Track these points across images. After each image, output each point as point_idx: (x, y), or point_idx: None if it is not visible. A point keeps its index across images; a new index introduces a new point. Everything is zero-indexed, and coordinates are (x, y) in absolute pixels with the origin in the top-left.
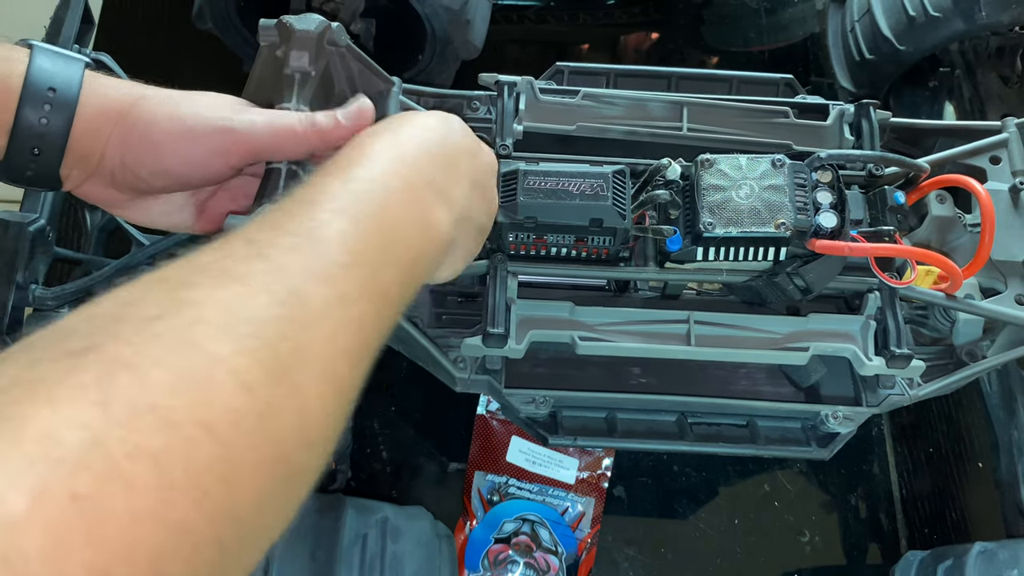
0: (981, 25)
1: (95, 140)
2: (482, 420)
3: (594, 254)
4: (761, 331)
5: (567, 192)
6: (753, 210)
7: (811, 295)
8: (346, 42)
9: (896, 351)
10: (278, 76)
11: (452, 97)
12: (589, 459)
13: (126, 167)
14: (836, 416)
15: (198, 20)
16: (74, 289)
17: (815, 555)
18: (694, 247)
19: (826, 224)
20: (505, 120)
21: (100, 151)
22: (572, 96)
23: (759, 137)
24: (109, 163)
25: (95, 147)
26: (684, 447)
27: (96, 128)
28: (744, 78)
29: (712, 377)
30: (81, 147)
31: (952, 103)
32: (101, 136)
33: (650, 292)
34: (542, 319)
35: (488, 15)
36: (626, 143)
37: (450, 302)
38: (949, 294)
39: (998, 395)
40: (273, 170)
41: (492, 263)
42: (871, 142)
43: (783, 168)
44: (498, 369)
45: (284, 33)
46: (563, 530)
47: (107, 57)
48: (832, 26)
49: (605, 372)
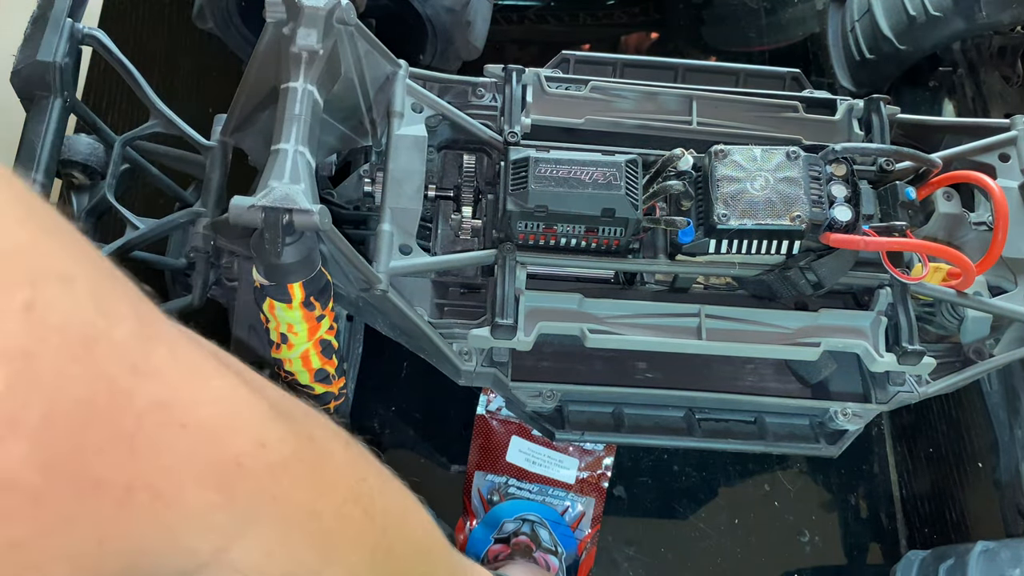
0: (981, 25)
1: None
2: (482, 420)
3: (604, 245)
4: (772, 326)
5: (579, 181)
6: (768, 202)
7: (822, 290)
8: (355, 21)
9: (908, 347)
10: (283, 56)
11: (457, 83)
12: (589, 459)
13: None
14: (845, 413)
15: (198, 19)
16: None
17: (815, 555)
18: (707, 239)
19: (841, 218)
20: (513, 106)
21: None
22: (580, 88)
23: (768, 131)
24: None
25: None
26: (692, 443)
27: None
28: (751, 71)
29: (719, 373)
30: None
31: (952, 102)
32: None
33: (658, 286)
34: (550, 311)
35: (489, 16)
36: (635, 135)
37: (452, 293)
38: (960, 291)
39: (999, 394)
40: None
41: (500, 253)
42: (882, 137)
43: (798, 160)
44: (505, 362)
45: (292, 9)
46: (563, 530)
47: (101, 33)
48: (832, 26)
49: (611, 367)
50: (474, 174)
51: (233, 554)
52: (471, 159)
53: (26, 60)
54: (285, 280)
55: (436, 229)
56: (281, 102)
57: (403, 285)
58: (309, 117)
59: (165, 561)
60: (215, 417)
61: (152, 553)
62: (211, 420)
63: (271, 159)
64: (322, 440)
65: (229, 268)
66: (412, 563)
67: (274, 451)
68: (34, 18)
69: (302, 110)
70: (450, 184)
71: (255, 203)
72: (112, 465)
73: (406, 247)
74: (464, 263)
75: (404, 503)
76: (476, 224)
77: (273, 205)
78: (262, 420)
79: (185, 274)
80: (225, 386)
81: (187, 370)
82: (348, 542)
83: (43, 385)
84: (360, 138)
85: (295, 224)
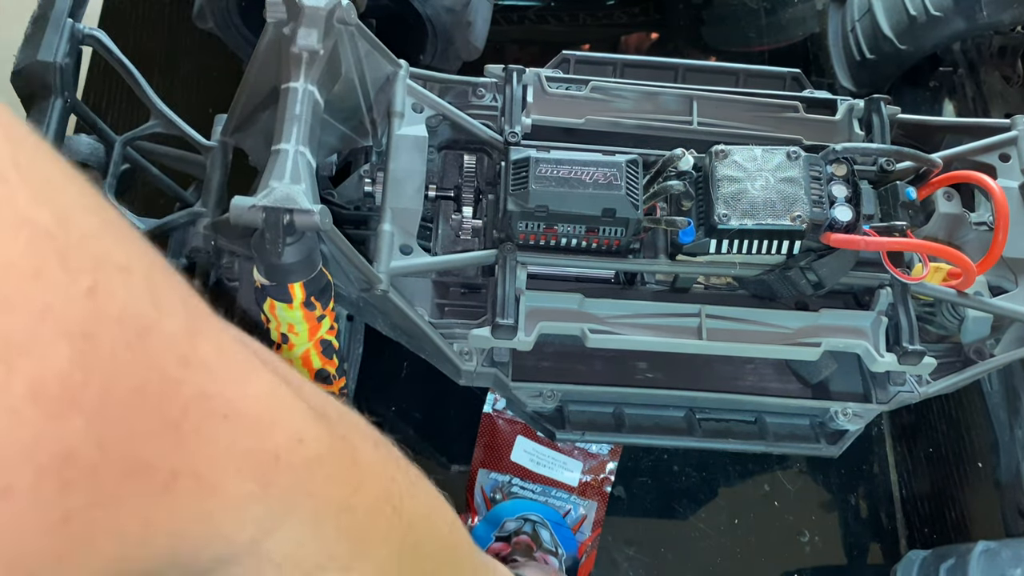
0: (982, 25)
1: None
2: (488, 418)
3: (604, 245)
4: (773, 326)
5: (580, 181)
6: (768, 202)
7: (823, 290)
8: (356, 21)
9: (908, 347)
10: (283, 56)
11: (457, 83)
12: (593, 462)
13: None
14: (846, 413)
15: (198, 19)
16: None
17: (815, 555)
18: (707, 239)
19: (841, 218)
20: (513, 106)
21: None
22: (580, 88)
23: (769, 131)
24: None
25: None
26: (693, 443)
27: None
28: (752, 71)
29: (719, 373)
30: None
31: (952, 102)
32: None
33: (658, 286)
34: (551, 311)
35: (489, 16)
36: (635, 135)
37: (453, 293)
38: (960, 291)
39: (999, 394)
40: (279, 151)
41: (501, 253)
42: (882, 137)
43: (798, 160)
44: (505, 362)
45: (292, 9)
46: (564, 532)
47: (101, 33)
48: (832, 26)
49: (611, 366)
50: (474, 174)
51: (268, 544)
52: (471, 159)
53: (26, 60)
54: (286, 280)
55: (436, 229)
56: (281, 102)
57: (403, 285)
58: (309, 117)
59: (203, 548)
60: (256, 411)
61: (192, 538)
62: (252, 414)
63: (272, 159)
64: (355, 439)
65: (229, 268)
66: (438, 560)
67: (311, 447)
68: (34, 18)
69: (302, 110)
70: (450, 184)
71: (256, 203)
72: (160, 450)
73: (407, 247)
74: (464, 263)
75: (431, 501)
76: (476, 224)
77: (274, 205)
78: (300, 417)
79: (186, 274)
80: (266, 382)
81: (232, 365)
82: (378, 538)
83: (101, 368)
84: (360, 138)
85: (296, 224)
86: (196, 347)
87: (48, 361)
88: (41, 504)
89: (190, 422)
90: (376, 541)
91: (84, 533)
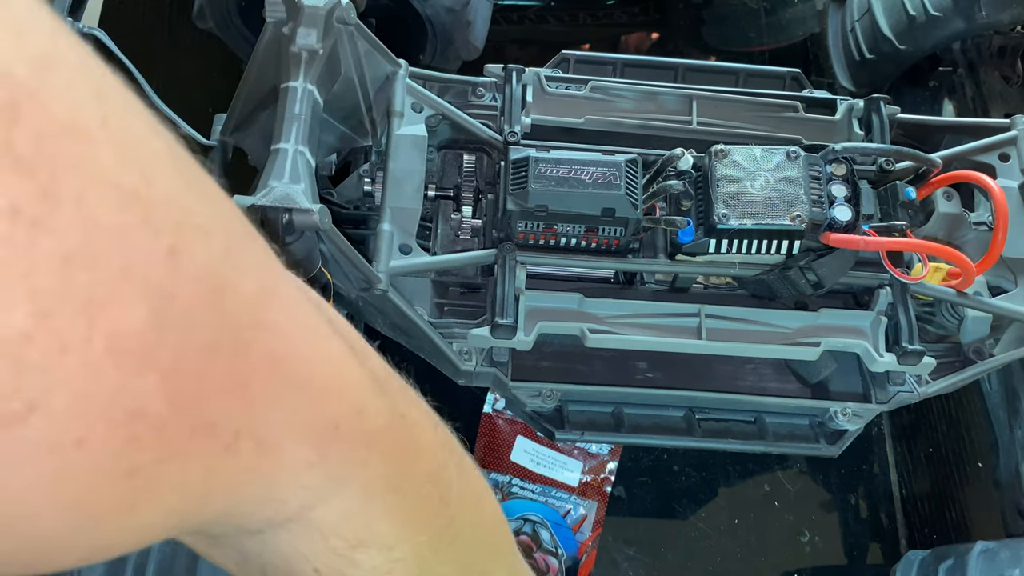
0: (981, 24)
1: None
2: (488, 418)
3: (604, 245)
4: (772, 326)
5: (579, 180)
6: (768, 202)
7: (822, 290)
8: (355, 20)
9: (908, 347)
10: (283, 55)
11: (457, 83)
12: (593, 462)
13: None
14: (845, 413)
15: (198, 19)
16: None
17: (815, 555)
18: (707, 239)
19: (841, 217)
20: (513, 106)
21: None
22: (580, 87)
23: (768, 131)
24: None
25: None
26: (692, 443)
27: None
28: (751, 71)
29: (718, 373)
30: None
31: (952, 102)
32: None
33: (658, 285)
34: (550, 310)
35: (489, 16)
36: (635, 135)
37: (452, 292)
38: (960, 291)
39: (999, 394)
40: (279, 150)
41: (501, 252)
42: (882, 137)
43: (798, 160)
44: (505, 361)
45: (292, 9)
46: (564, 532)
47: (101, 32)
48: (832, 26)
49: (611, 366)
50: (474, 174)
51: (317, 512)
52: (471, 159)
53: None
54: None
55: (436, 229)
56: (281, 102)
57: (403, 285)
58: (309, 117)
59: (256, 510)
60: (321, 377)
61: (247, 500)
62: (318, 380)
63: (271, 158)
64: (414, 418)
65: None
66: (475, 554)
67: (370, 420)
68: None
69: (302, 110)
70: (450, 184)
71: (255, 202)
72: (226, 410)
73: (406, 247)
74: (464, 263)
75: (479, 494)
76: (476, 224)
77: (273, 204)
78: (363, 388)
79: None
80: (334, 349)
81: (303, 329)
82: (422, 523)
83: (177, 326)
84: (360, 138)
85: (295, 223)
86: (270, 309)
87: (127, 319)
88: (111, 457)
89: (258, 384)
90: (420, 526)
91: (148, 486)
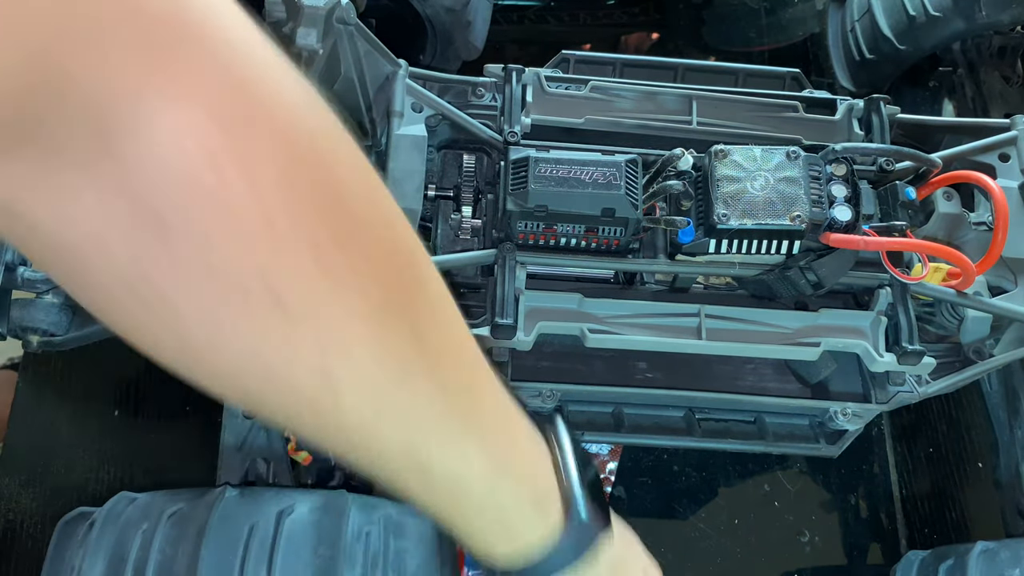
0: (981, 25)
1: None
2: None
3: (604, 245)
4: (772, 326)
5: (579, 180)
6: (768, 202)
7: (822, 290)
8: (355, 20)
9: (908, 347)
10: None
11: (457, 83)
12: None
13: None
14: (845, 413)
15: None
16: None
17: (815, 555)
18: (707, 239)
19: (841, 218)
20: (513, 106)
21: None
22: (580, 87)
23: (768, 131)
24: None
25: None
26: (692, 443)
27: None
28: (751, 71)
29: (718, 373)
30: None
31: (952, 102)
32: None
33: (658, 285)
34: (550, 310)
35: (489, 16)
36: (635, 135)
37: (452, 292)
38: (960, 291)
39: (999, 394)
40: None
41: (500, 252)
42: (882, 137)
43: (798, 160)
44: (505, 361)
45: (292, 9)
46: None
47: None
48: (832, 26)
49: (611, 366)
50: (474, 174)
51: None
52: (471, 159)
53: None
54: None
55: (436, 229)
56: None
57: None
58: None
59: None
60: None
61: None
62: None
63: None
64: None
65: None
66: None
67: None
68: None
69: None
70: (450, 184)
71: None
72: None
73: None
74: (464, 263)
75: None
76: (476, 224)
77: None
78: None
79: None
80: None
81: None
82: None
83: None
84: (360, 138)
85: None
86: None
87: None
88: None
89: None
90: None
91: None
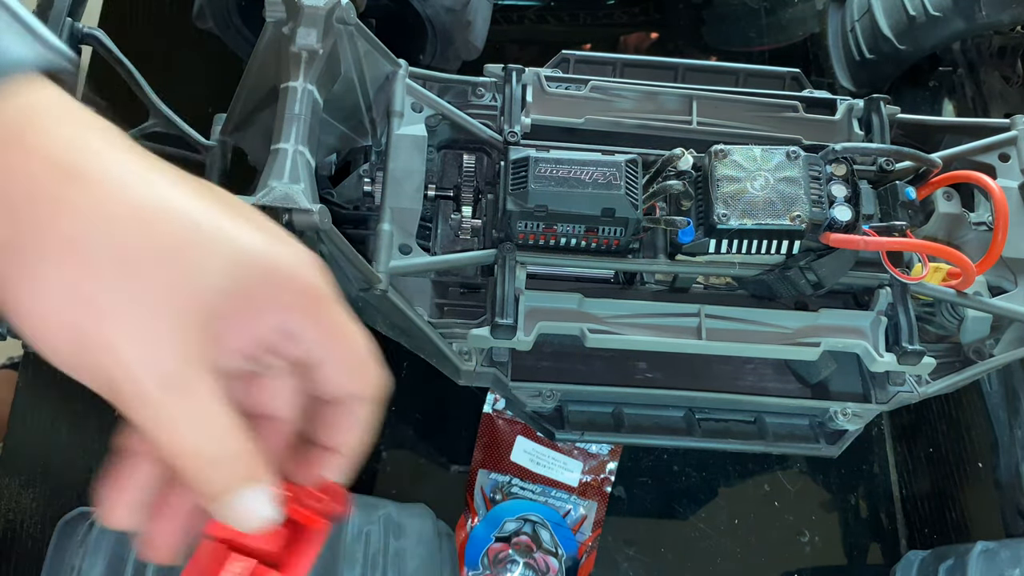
0: (981, 24)
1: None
2: (488, 418)
3: (604, 245)
4: (772, 326)
5: (579, 180)
6: (768, 202)
7: (822, 290)
8: (355, 20)
9: (908, 347)
10: (283, 55)
11: (457, 83)
12: (593, 463)
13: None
14: (845, 413)
15: (198, 19)
16: None
17: (815, 555)
18: (707, 239)
19: (841, 218)
20: (513, 106)
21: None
22: (580, 87)
23: (768, 131)
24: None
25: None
26: (692, 443)
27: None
28: (751, 71)
29: (718, 373)
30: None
31: (952, 102)
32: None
33: (658, 285)
34: (550, 310)
35: (489, 16)
36: (635, 135)
37: (452, 292)
38: (960, 291)
39: (999, 394)
40: (279, 150)
41: (500, 252)
42: (882, 137)
43: (798, 160)
44: (505, 361)
45: (292, 9)
46: (564, 532)
47: (101, 32)
48: (832, 26)
49: (611, 366)
50: (474, 174)
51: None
52: (471, 159)
53: None
54: None
55: (436, 229)
56: (281, 101)
57: (403, 285)
58: (309, 117)
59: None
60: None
61: None
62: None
63: (271, 159)
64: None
65: None
66: None
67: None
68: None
69: (302, 110)
70: (450, 184)
71: (255, 202)
72: None
73: (406, 247)
74: (464, 263)
75: None
76: (476, 224)
77: (273, 204)
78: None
79: None
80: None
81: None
82: None
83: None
84: (360, 138)
85: (295, 224)
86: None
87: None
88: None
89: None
90: None
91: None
